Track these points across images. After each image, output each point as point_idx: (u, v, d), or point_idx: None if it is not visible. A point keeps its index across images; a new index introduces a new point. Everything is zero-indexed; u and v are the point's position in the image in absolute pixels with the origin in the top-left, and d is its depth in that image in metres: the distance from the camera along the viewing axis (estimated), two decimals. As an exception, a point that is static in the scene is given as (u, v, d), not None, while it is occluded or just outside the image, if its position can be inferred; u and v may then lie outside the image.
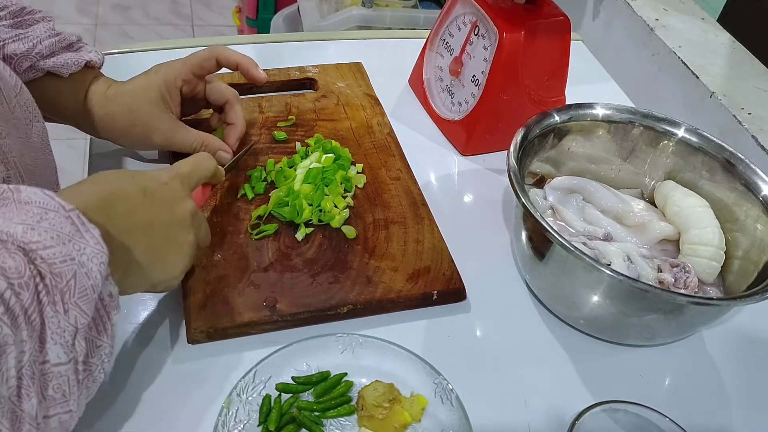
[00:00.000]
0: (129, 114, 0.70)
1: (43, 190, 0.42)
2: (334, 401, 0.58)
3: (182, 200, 0.56)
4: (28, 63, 0.64)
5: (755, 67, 1.02)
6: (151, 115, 0.70)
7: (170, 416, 0.56)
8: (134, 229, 0.50)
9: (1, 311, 0.36)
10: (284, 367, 0.59)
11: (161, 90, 0.70)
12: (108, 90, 0.70)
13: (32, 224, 0.40)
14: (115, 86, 0.71)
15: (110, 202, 0.49)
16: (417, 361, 0.59)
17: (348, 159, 0.78)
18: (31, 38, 0.64)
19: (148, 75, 0.72)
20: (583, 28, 1.27)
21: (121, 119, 0.70)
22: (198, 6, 2.87)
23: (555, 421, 0.60)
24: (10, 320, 0.37)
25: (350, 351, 0.60)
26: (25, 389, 0.38)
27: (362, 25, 1.54)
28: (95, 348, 0.44)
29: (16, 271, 0.38)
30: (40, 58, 0.65)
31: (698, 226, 0.69)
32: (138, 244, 0.51)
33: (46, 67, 0.66)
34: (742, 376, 0.67)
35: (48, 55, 0.66)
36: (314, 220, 0.70)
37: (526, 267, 0.71)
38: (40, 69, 0.66)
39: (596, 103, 0.76)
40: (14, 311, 0.37)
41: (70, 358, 0.41)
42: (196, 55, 0.72)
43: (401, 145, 0.83)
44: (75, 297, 0.41)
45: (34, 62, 0.65)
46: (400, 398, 0.58)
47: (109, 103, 0.70)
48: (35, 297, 0.39)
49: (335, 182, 0.74)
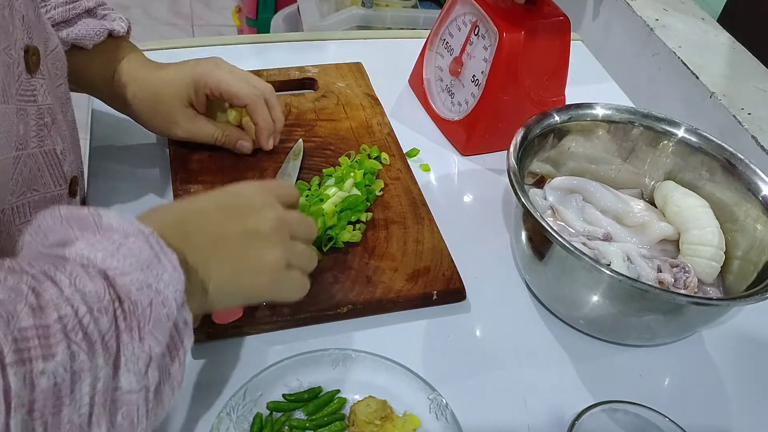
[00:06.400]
0: (152, 103, 0.70)
1: (123, 215, 0.42)
2: (326, 418, 0.57)
3: (259, 210, 0.51)
4: None
5: (755, 67, 1.02)
6: (173, 108, 0.71)
7: (166, 422, 0.56)
8: (208, 243, 0.48)
9: (80, 337, 0.36)
10: (276, 383, 0.57)
11: (188, 89, 0.70)
12: (137, 72, 0.70)
13: (112, 251, 0.40)
14: (145, 69, 0.70)
15: (185, 218, 0.48)
16: (411, 377, 0.58)
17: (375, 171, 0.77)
18: (46, 4, 0.64)
19: (182, 69, 0.71)
20: (583, 28, 1.27)
21: (144, 105, 0.70)
22: (198, 6, 2.86)
23: (555, 421, 0.60)
24: (88, 346, 0.36)
25: (343, 366, 0.59)
26: (96, 416, 0.37)
27: (362, 25, 1.53)
28: (167, 376, 0.42)
29: (96, 296, 0.38)
30: (53, 23, 0.64)
31: (698, 226, 0.69)
32: (212, 258, 0.48)
33: (69, 39, 0.65)
34: (742, 376, 0.67)
35: (62, 22, 0.65)
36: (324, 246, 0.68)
37: (526, 267, 0.71)
38: (62, 41, 0.65)
39: (596, 103, 0.76)
40: (92, 337, 0.37)
41: (141, 387, 0.40)
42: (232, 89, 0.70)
43: (401, 145, 0.83)
44: (150, 325, 0.40)
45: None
46: (393, 416, 0.57)
47: (134, 85, 0.70)
48: (113, 322, 0.38)
49: (364, 204, 0.72)
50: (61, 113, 0.60)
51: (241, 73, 0.73)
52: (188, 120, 0.72)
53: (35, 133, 0.53)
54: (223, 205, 0.51)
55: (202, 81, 0.70)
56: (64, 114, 0.61)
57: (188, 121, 0.72)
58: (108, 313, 0.38)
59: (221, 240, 0.49)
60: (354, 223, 0.71)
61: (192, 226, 0.48)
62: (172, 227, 0.46)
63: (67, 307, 0.36)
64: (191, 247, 0.46)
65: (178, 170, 0.74)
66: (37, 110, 0.52)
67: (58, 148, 0.56)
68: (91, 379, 0.36)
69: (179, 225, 0.47)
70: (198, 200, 0.52)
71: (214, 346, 0.61)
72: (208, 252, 0.48)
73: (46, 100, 0.54)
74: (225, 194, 0.52)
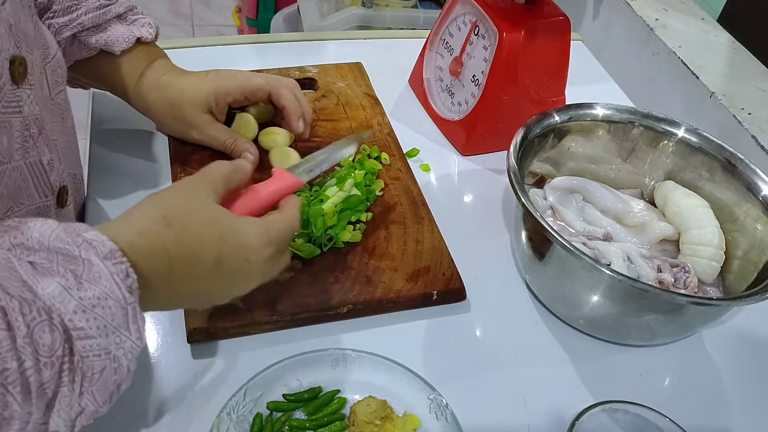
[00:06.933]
0: (171, 107, 0.73)
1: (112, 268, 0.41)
2: (326, 418, 0.57)
3: (251, 279, 0.52)
4: (69, 32, 0.66)
5: (755, 67, 1.02)
6: (192, 114, 0.73)
7: (166, 422, 0.56)
8: (182, 295, 0.49)
9: (17, 390, 0.37)
10: (276, 383, 0.58)
11: (209, 99, 0.72)
12: (161, 78, 0.72)
13: (86, 306, 0.40)
14: (169, 76, 0.73)
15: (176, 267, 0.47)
16: (411, 376, 0.58)
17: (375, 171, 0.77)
18: (78, 8, 0.66)
19: (204, 79, 0.73)
20: (583, 28, 1.27)
21: (164, 109, 0.73)
22: (198, 6, 2.86)
23: (555, 421, 0.60)
24: (23, 397, 0.37)
25: (343, 366, 0.59)
26: None
27: (362, 25, 1.53)
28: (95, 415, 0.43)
29: (50, 350, 0.38)
30: (82, 29, 0.66)
31: (698, 226, 0.69)
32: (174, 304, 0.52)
33: (98, 45, 0.68)
34: (742, 376, 0.67)
35: (92, 27, 0.67)
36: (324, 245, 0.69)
37: (526, 267, 0.71)
38: (91, 47, 0.68)
39: (596, 103, 0.76)
40: (30, 387, 0.38)
41: (67, 429, 0.41)
42: (252, 81, 0.74)
43: (401, 145, 0.83)
44: (94, 387, 0.41)
45: (77, 33, 0.66)
46: (393, 416, 0.57)
47: (158, 91, 0.72)
48: (57, 375, 0.39)
49: (364, 203, 0.72)
50: (55, 122, 0.59)
51: (265, 76, 0.76)
52: (205, 124, 0.74)
53: (20, 144, 0.51)
54: (222, 263, 0.49)
55: (222, 90, 0.72)
56: (62, 122, 0.61)
57: (205, 125, 0.74)
58: (54, 366, 0.39)
59: (195, 294, 0.50)
60: (354, 223, 0.71)
61: (178, 274, 0.47)
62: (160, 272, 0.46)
63: (13, 362, 0.37)
64: (165, 293, 0.47)
65: (179, 170, 0.74)
66: (23, 121, 0.51)
67: (44, 159, 0.55)
68: (20, 424, 0.38)
69: (166, 269, 0.46)
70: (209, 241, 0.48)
71: (214, 346, 0.61)
72: (177, 299, 0.50)
73: (33, 111, 0.52)
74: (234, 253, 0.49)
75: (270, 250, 0.51)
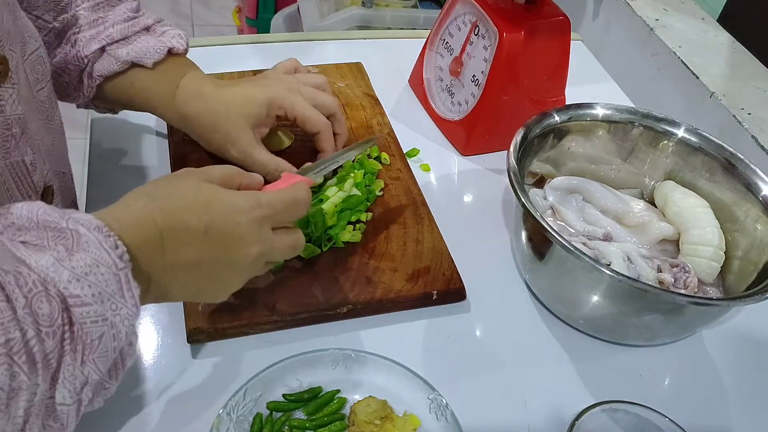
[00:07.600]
0: (215, 119, 0.69)
1: (101, 237, 0.42)
2: (326, 418, 0.57)
3: (248, 245, 0.51)
4: (97, 45, 0.65)
5: (755, 67, 1.02)
6: (236, 126, 0.69)
7: (166, 422, 0.56)
8: (179, 267, 0.48)
9: (23, 360, 0.37)
10: (276, 383, 0.57)
11: (260, 108, 0.69)
12: (202, 89, 0.69)
13: (79, 275, 0.40)
14: (211, 86, 0.69)
15: (166, 236, 0.47)
16: (411, 377, 0.58)
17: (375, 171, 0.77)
18: (104, 21, 0.65)
19: (252, 87, 0.70)
20: (583, 28, 1.27)
21: (205, 121, 0.69)
22: (198, 6, 2.86)
23: (555, 421, 0.60)
24: (29, 367, 0.37)
25: (343, 366, 0.59)
26: (29, 425, 0.39)
27: (362, 25, 1.53)
28: (102, 390, 0.44)
29: (49, 318, 0.39)
30: (111, 41, 0.65)
31: (698, 226, 0.69)
32: (177, 281, 0.49)
33: (129, 57, 0.66)
34: (742, 376, 0.67)
35: (120, 40, 0.65)
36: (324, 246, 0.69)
37: (526, 267, 0.71)
38: (122, 60, 0.65)
39: (596, 103, 0.76)
40: (34, 357, 0.38)
41: (74, 401, 0.41)
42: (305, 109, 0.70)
43: (401, 145, 0.83)
44: (95, 355, 0.41)
45: (105, 45, 0.65)
46: (393, 416, 0.57)
47: (201, 103, 0.69)
48: (59, 344, 0.39)
49: (364, 204, 0.72)
50: (40, 119, 0.58)
51: (309, 92, 0.72)
52: (247, 142, 0.69)
53: (0, 145, 0.51)
54: (212, 229, 0.49)
55: (277, 103, 0.69)
56: (47, 120, 0.60)
57: (247, 143, 0.69)
58: (56, 336, 0.39)
59: (193, 267, 0.49)
60: (354, 223, 0.71)
61: (170, 244, 0.47)
62: (150, 241, 0.46)
63: (16, 331, 0.37)
64: (161, 265, 0.47)
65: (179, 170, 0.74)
66: (4, 121, 0.51)
67: (27, 159, 0.54)
68: (28, 395, 0.38)
69: (157, 240, 0.46)
70: (195, 206, 0.49)
71: (214, 346, 0.61)
72: (177, 273, 0.49)
73: (16, 110, 0.52)
74: (222, 216, 0.49)
75: (259, 212, 0.51)
